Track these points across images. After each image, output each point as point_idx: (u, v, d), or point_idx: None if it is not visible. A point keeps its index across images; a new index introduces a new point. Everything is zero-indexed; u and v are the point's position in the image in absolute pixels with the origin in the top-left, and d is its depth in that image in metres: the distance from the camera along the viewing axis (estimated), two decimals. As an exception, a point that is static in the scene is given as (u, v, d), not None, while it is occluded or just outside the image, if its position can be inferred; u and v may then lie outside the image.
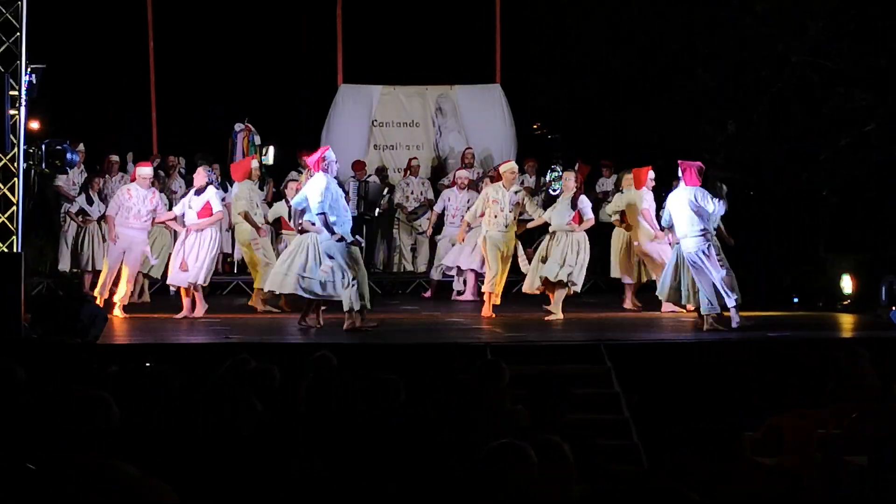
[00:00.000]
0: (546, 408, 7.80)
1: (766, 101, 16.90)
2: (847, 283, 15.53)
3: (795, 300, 16.09)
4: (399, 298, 17.54)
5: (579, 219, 14.22)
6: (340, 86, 19.58)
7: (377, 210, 18.18)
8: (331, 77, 19.61)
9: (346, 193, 18.07)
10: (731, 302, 12.93)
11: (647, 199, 15.07)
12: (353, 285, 12.53)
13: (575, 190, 14.38)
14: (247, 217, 14.80)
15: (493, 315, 14.13)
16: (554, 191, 15.96)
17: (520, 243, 14.61)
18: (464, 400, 7.40)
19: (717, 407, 10.02)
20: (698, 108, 17.36)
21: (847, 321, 14.50)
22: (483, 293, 14.82)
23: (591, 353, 11.39)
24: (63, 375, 7.65)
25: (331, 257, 12.59)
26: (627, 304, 15.41)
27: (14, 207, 11.99)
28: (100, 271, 16.52)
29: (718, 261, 12.92)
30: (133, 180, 14.56)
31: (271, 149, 18.33)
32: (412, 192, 18.61)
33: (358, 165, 18.44)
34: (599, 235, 15.65)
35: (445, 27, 19.83)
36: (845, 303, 15.42)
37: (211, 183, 14.50)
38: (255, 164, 15.53)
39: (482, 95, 19.81)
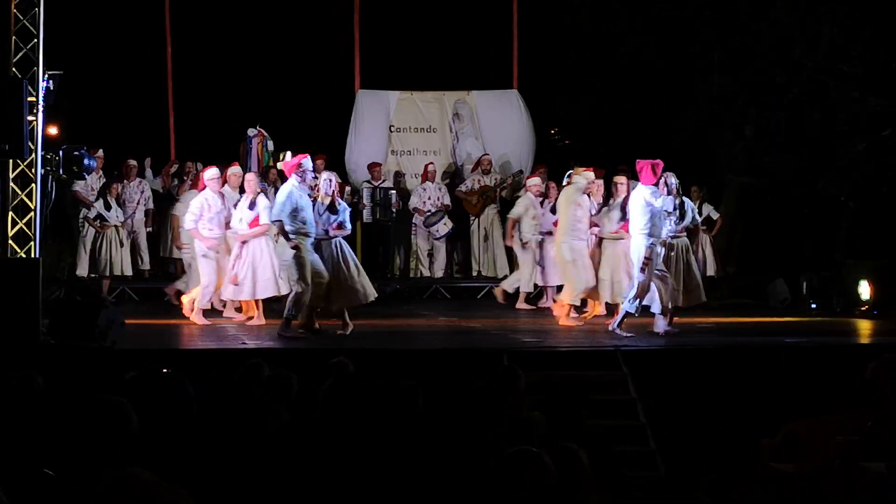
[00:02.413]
0: (563, 414, 7.79)
1: (783, 106, 16.87)
2: (865, 289, 15.48)
3: (813, 306, 16.05)
4: (416, 304, 17.53)
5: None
6: (358, 92, 19.60)
7: (391, 216, 18.21)
8: (348, 83, 19.64)
9: (360, 199, 18.20)
10: (628, 305, 12.82)
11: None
12: (294, 293, 12.55)
13: (626, 195, 13.86)
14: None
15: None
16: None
17: None
18: (480, 406, 7.39)
19: (735, 413, 10.01)
20: (715, 115, 17.35)
21: (865, 327, 14.45)
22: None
23: (608, 360, 11.36)
24: (81, 381, 7.66)
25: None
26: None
27: (32, 213, 12.03)
28: (118, 276, 16.63)
29: (657, 267, 12.74)
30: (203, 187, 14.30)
31: (288, 154, 18.31)
32: (429, 198, 18.62)
33: (373, 167, 18.48)
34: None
35: (462, 33, 19.82)
36: (863, 308, 15.37)
37: (261, 190, 14.20)
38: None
39: (499, 101, 19.81)
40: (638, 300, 12.74)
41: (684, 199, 13.31)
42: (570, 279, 13.98)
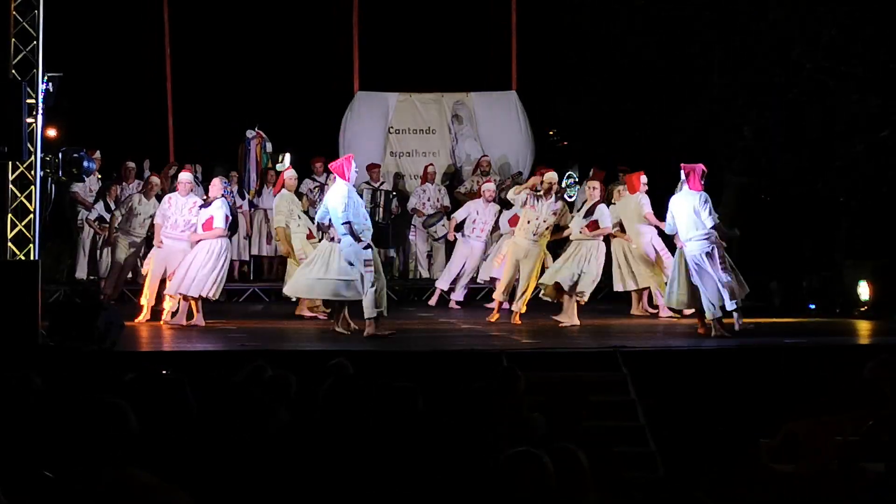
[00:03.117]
0: (562, 415, 7.80)
1: (783, 106, 16.88)
2: (864, 290, 15.48)
3: (812, 306, 16.05)
4: (415, 305, 17.54)
5: (595, 227, 14.21)
6: (357, 93, 19.61)
7: (389, 217, 18.23)
8: (347, 84, 19.64)
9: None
10: (730, 305, 12.87)
11: (645, 203, 15.05)
12: (372, 292, 12.56)
13: (598, 199, 14.35)
14: (282, 233, 14.64)
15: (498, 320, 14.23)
16: (570, 197, 15.97)
17: (549, 255, 14.69)
18: (480, 407, 7.39)
19: (734, 414, 10.01)
20: (714, 115, 17.36)
21: (864, 327, 14.45)
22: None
23: (607, 361, 11.36)
24: (80, 383, 7.66)
25: (351, 264, 12.62)
26: (637, 311, 15.39)
27: (31, 215, 12.03)
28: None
29: (721, 264, 12.85)
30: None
31: (287, 156, 18.33)
32: (428, 199, 18.62)
33: (372, 168, 18.50)
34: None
35: (461, 34, 19.84)
36: (863, 309, 15.37)
37: (223, 196, 14.14)
38: (290, 173, 15.14)
39: (498, 102, 19.82)
40: (736, 297, 12.84)
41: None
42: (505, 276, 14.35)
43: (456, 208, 18.57)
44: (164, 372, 6.76)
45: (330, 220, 12.75)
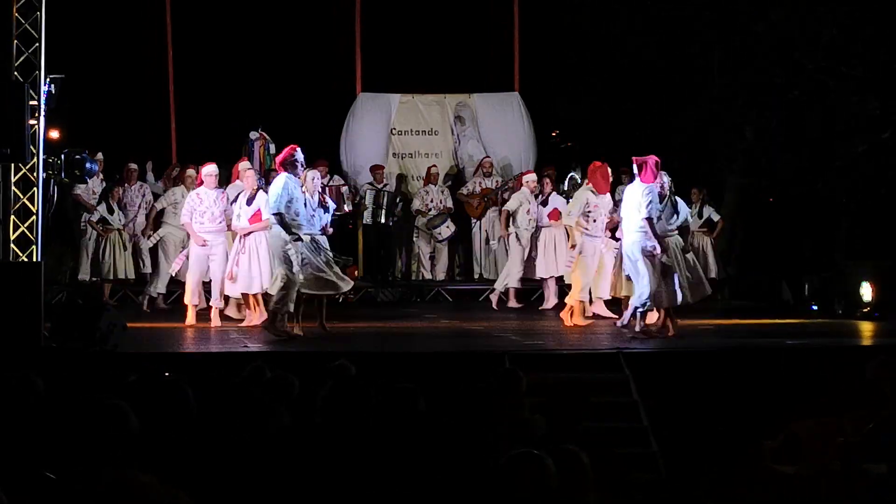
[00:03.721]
0: (564, 416, 7.80)
1: (783, 107, 16.89)
2: (866, 291, 15.46)
3: (814, 307, 16.04)
4: (418, 307, 17.55)
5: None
6: (359, 94, 19.62)
7: (392, 219, 18.25)
8: (349, 85, 19.65)
9: (362, 200, 18.23)
10: (636, 302, 12.77)
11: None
12: (279, 286, 12.53)
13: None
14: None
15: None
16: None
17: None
18: (482, 408, 7.40)
19: (736, 415, 10.01)
20: (715, 116, 17.36)
21: (866, 329, 14.44)
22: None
23: (610, 362, 11.35)
24: (82, 385, 7.68)
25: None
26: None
27: (34, 217, 12.04)
28: (120, 279, 16.63)
29: (659, 265, 12.71)
30: (200, 184, 14.39)
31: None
32: (431, 200, 18.63)
33: (376, 168, 18.50)
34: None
35: (463, 35, 19.84)
36: (865, 310, 15.35)
37: (260, 188, 14.08)
38: (244, 164, 15.19)
39: (500, 103, 19.82)
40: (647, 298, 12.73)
41: (677, 199, 13.25)
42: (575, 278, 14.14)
43: (458, 209, 18.60)
44: (165, 374, 6.78)
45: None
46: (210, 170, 14.20)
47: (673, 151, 16.47)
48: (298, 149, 12.84)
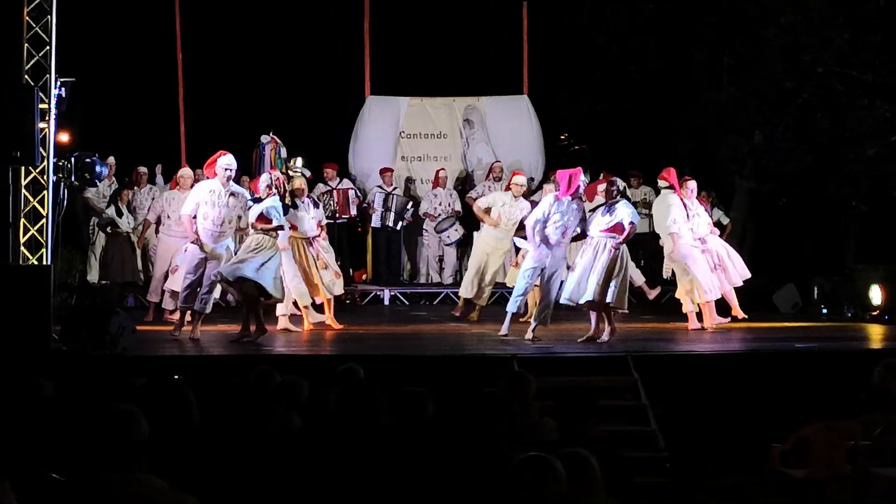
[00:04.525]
0: (573, 420, 7.79)
1: (792, 111, 16.87)
2: (876, 294, 15.45)
3: (824, 311, 16.02)
4: (426, 310, 17.54)
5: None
6: (368, 97, 19.61)
7: (401, 223, 18.25)
8: (358, 89, 19.65)
9: (371, 204, 18.24)
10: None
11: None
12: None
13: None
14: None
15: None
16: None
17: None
18: (490, 412, 7.39)
19: (745, 418, 10.01)
20: (725, 119, 17.35)
21: (876, 332, 14.42)
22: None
23: (618, 365, 11.35)
24: (92, 388, 7.68)
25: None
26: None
27: (44, 220, 12.06)
28: (129, 282, 16.65)
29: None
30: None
31: (299, 160, 18.33)
32: (440, 203, 18.63)
33: (385, 171, 18.51)
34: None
35: (472, 39, 19.85)
36: (874, 313, 15.34)
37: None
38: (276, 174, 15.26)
39: (510, 106, 19.80)
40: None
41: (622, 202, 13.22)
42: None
43: (467, 213, 18.57)
44: (175, 377, 6.79)
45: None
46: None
47: (681, 155, 16.48)
48: (227, 155, 12.86)
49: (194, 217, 12.78)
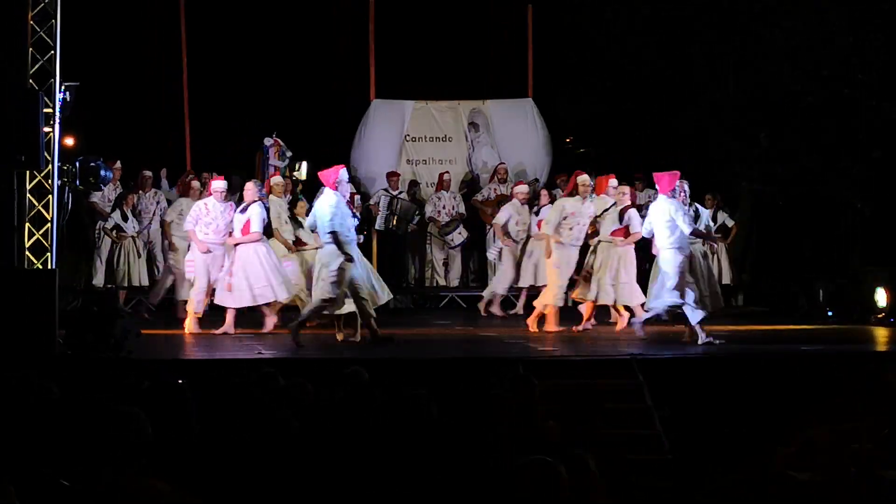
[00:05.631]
0: (578, 423, 7.79)
1: (798, 114, 16.85)
2: (882, 297, 15.44)
3: (830, 313, 16.01)
4: (431, 313, 17.54)
5: (625, 233, 14.24)
6: (373, 101, 19.61)
7: (408, 227, 18.26)
8: (363, 92, 19.64)
9: (375, 205, 18.25)
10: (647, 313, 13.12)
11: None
12: (318, 300, 12.72)
13: (627, 204, 14.50)
14: (278, 236, 14.70)
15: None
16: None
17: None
18: (495, 415, 7.39)
19: (750, 421, 10.00)
20: (730, 122, 17.33)
21: (882, 335, 14.40)
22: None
23: (623, 368, 11.35)
24: (97, 391, 7.69)
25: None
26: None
27: (48, 224, 12.08)
28: (135, 287, 16.66)
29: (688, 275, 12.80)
30: (208, 195, 14.57)
31: (304, 164, 18.33)
32: (444, 207, 18.62)
33: (391, 175, 18.52)
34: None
35: (477, 42, 19.85)
36: (880, 316, 15.33)
37: (259, 199, 14.24)
38: (276, 179, 15.36)
39: (514, 110, 19.80)
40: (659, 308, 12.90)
41: (697, 205, 13.36)
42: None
43: (473, 216, 18.59)
44: (180, 381, 6.79)
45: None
46: (218, 185, 14.39)
47: (684, 157, 16.45)
48: (344, 168, 13.09)
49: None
